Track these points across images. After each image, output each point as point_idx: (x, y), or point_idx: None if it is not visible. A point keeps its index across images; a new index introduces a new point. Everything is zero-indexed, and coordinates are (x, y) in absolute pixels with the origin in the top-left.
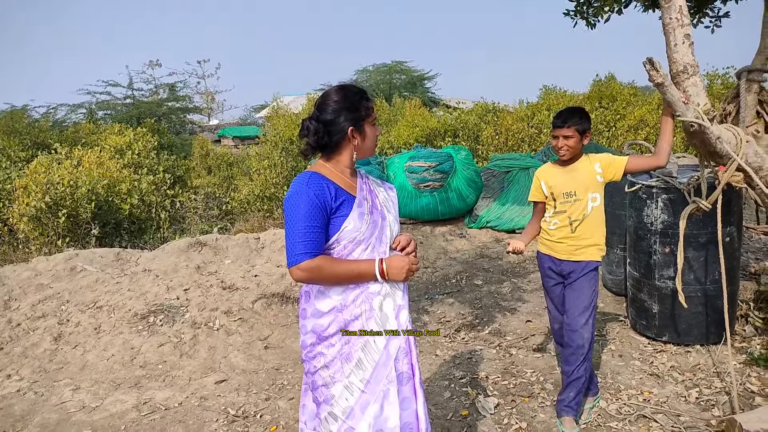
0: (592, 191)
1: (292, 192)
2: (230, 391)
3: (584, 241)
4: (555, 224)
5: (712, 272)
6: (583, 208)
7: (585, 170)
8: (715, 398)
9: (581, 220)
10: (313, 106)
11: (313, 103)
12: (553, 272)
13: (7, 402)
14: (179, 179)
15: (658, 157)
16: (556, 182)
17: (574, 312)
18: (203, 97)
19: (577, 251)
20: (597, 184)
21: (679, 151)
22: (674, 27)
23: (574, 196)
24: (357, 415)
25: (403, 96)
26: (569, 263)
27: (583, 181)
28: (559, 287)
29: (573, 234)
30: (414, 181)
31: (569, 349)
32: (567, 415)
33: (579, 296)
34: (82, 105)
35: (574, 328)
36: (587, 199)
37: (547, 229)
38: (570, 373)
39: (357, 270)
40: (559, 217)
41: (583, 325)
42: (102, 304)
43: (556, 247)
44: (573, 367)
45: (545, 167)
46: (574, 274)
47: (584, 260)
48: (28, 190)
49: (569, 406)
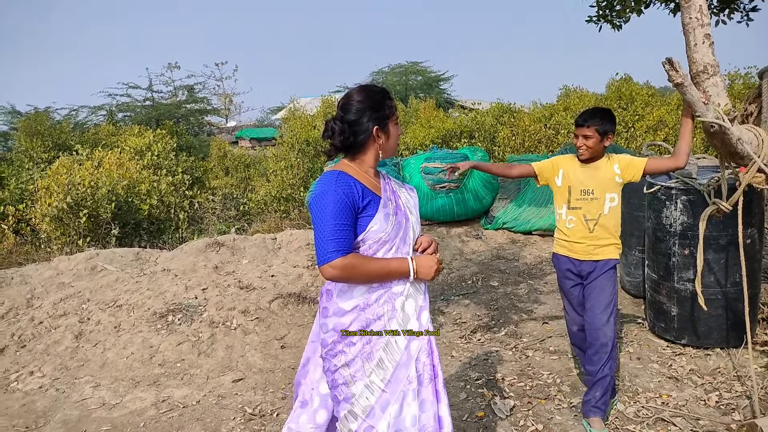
0: (610, 191)
1: (320, 191)
2: (247, 389)
3: (602, 241)
4: (571, 221)
5: (732, 275)
6: (599, 208)
7: (604, 170)
8: (736, 402)
9: (597, 220)
10: (336, 107)
11: (330, 105)
12: (572, 273)
13: (30, 398)
14: (197, 180)
15: (677, 158)
16: (575, 177)
17: (595, 310)
18: (221, 99)
19: (596, 250)
20: (615, 184)
21: (699, 151)
22: (694, 27)
23: (592, 194)
24: (377, 414)
25: (418, 97)
26: (589, 263)
27: (602, 181)
28: (577, 288)
29: (591, 234)
30: (430, 183)
31: (592, 348)
32: (595, 415)
33: (600, 294)
34: (103, 107)
35: (596, 326)
36: (605, 199)
37: (564, 228)
38: (595, 372)
39: (388, 268)
40: (574, 213)
41: (606, 323)
42: (122, 302)
43: (575, 248)
44: (598, 366)
45: (567, 158)
46: (594, 273)
47: (603, 259)
48: (50, 190)
49: (597, 406)
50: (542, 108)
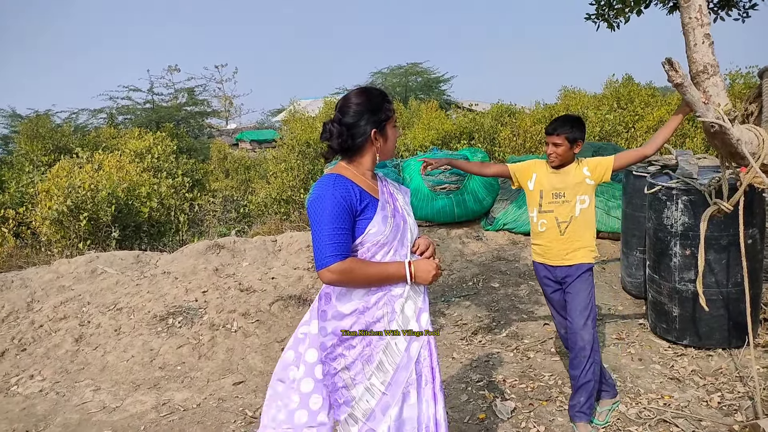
0: (581, 194)
1: (317, 194)
2: (248, 392)
3: (574, 244)
4: (543, 224)
5: (733, 275)
6: (570, 210)
7: (574, 174)
8: (738, 403)
9: (569, 222)
10: (335, 109)
11: (331, 107)
12: (549, 280)
13: (30, 402)
14: (198, 183)
15: (648, 146)
16: (547, 181)
17: (573, 314)
18: (221, 102)
19: (567, 255)
20: (587, 186)
21: (699, 151)
22: (694, 27)
23: (563, 197)
24: (378, 417)
25: (419, 98)
26: (562, 268)
27: (572, 184)
28: (558, 293)
29: (562, 236)
30: (430, 184)
31: (573, 351)
32: (581, 420)
33: (575, 298)
34: (103, 110)
35: (573, 330)
36: (575, 201)
37: (536, 231)
38: (577, 377)
39: (386, 272)
40: (546, 217)
41: (583, 326)
42: (122, 305)
43: (548, 253)
44: (579, 370)
45: (541, 163)
46: (569, 278)
47: (576, 263)
48: (50, 193)
49: (582, 411)
50: (543, 109)
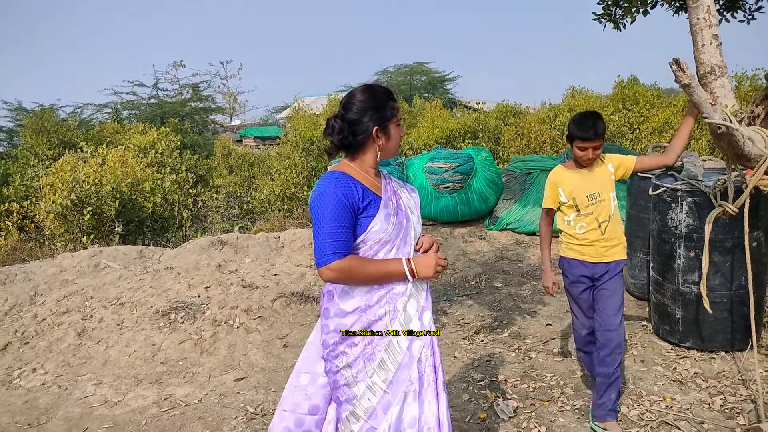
0: (611, 191)
1: (319, 192)
2: (249, 388)
3: (613, 241)
4: (582, 227)
5: (738, 277)
6: (608, 208)
7: (602, 171)
8: (740, 406)
9: (609, 221)
10: (339, 105)
11: (334, 104)
12: (585, 277)
13: (33, 395)
14: (201, 178)
15: (668, 155)
16: (576, 186)
17: (608, 312)
18: (225, 98)
19: (608, 252)
20: (612, 183)
21: (705, 153)
22: (702, 27)
23: (599, 196)
24: (379, 416)
25: (423, 97)
26: (602, 265)
27: (603, 181)
28: (587, 292)
29: (603, 236)
30: (434, 182)
31: (606, 350)
32: (612, 419)
33: (612, 296)
34: (108, 105)
35: (609, 328)
36: (610, 199)
37: (574, 234)
38: (610, 374)
39: (386, 269)
40: (585, 219)
41: (619, 325)
42: (125, 300)
43: (587, 251)
44: (612, 368)
45: (560, 172)
46: (607, 276)
47: (615, 260)
48: (54, 187)
49: (613, 409)
50: (548, 109)
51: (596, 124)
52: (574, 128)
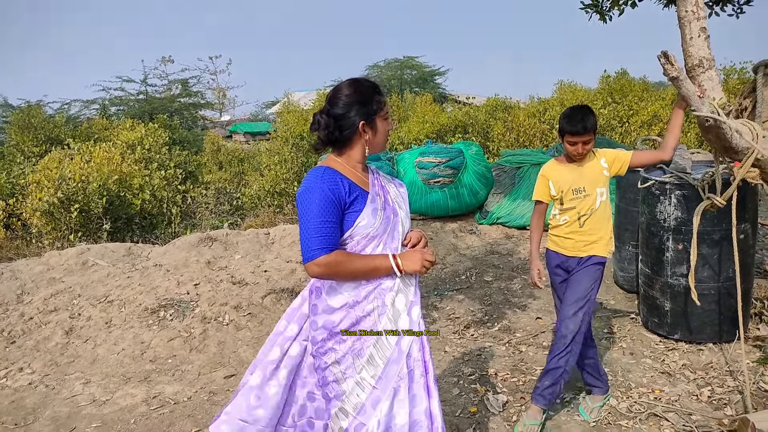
0: (600, 186)
1: (305, 187)
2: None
3: (591, 236)
4: (564, 220)
5: (725, 269)
6: (591, 204)
7: (592, 166)
8: (728, 397)
9: (589, 215)
10: (325, 100)
11: (323, 99)
12: (561, 269)
13: (19, 395)
14: (190, 175)
15: (664, 151)
16: (564, 180)
17: (567, 301)
18: (215, 93)
19: (585, 247)
20: (604, 178)
21: (693, 146)
22: (690, 20)
23: (583, 191)
24: (368, 411)
25: (414, 92)
26: (575, 259)
27: (591, 177)
28: (564, 284)
29: (581, 229)
30: (424, 177)
31: (555, 336)
32: (536, 403)
33: (575, 287)
34: (96, 101)
35: (562, 317)
36: (596, 195)
37: (556, 224)
38: (549, 360)
39: (373, 264)
40: (568, 213)
41: (572, 316)
42: (113, 298)
43: (564, 243)
44: (553, 355)
45: (550, 166)
46: (577, 268)
47: (589, 255)
48: (40, 185)
49: (542, 394)
50: (537, 103)
51: (585, 118)
52: (563, 122)
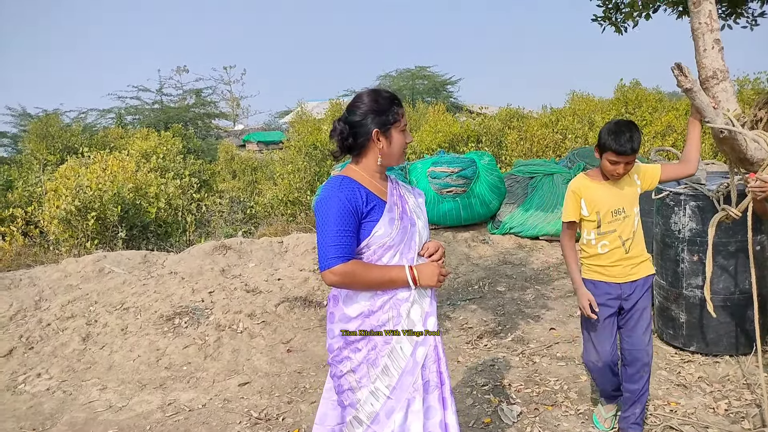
0: (636, 205)
1: (323, 196)
2: (253, 393)
3: (639, 258)
4: (604, 246)
5: (741, 281)
6: (632, 225)
7: (628, 183)
8: (745, 410)
9: (632, 238)
10: (345, 109)
11: (336, 109)
12: (612, 299)
13: (37, 400)
14: (205, 183)
15: (689, 165)
16: (601, 199)
17: (638, 331)
18: (229, 103)
19: (633, 270)
20: (637, 196)
21: (708, 157)
22: (703, 32)
23: (623, 212)
24: (382, 421)
25: (426, 101)
26: (628, 284)
27: (630, 197)
28: (612, 318)
29: (627, 255)
30: (436, 187)
31: (634, 367)
32: (635, 431)
33: (642, 315)
34: (112, 110)
35: (639, 347)
36: (634, 215)
37: (595, 253)
38: (638, 391)
39: (389, 276)
40: (607, 237)
41: (648, 343)
42: (129, 305)
43: (612, 271)
44: (640, 384)
45: (581, 182)
46: (635, 295)
47: (642, 277)
48: (58, 193)
49: (637, 423)
50: (550, 113)
51: (633, 137)
52: (609, 139)
